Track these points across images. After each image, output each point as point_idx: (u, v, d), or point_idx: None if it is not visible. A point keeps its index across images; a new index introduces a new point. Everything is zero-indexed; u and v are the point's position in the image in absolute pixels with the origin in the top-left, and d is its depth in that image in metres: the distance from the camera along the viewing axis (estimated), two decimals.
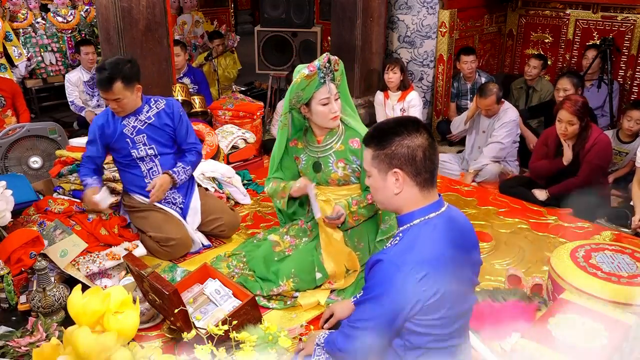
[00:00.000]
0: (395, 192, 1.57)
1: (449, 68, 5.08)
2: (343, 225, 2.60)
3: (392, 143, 1.54)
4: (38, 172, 3.70)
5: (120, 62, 2.79)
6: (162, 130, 2.97)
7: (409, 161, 1.53)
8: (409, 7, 5.00)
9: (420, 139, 1.53)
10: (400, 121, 1.62)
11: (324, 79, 2.45)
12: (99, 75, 2.77)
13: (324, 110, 2.49)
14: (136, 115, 2.92)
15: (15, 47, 5.38)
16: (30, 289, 2.47)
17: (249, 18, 11.37)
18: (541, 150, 3.67)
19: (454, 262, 1.52)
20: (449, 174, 4.20)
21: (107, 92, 2.77)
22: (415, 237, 1.53)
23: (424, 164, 1.54)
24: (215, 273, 2.51)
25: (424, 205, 1.57)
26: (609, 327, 1.85)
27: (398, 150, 1.53)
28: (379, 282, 1.50)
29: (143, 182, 2.99)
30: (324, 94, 2.47)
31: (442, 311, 1.50)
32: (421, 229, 1.54)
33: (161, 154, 2.99)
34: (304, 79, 2.41)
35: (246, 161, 4.23)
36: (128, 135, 2.91)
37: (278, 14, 4.98)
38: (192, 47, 6.47)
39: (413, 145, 1.52)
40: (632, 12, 4.88)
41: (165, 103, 3.00)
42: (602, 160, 3.46)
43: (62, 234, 2.67)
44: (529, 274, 2.70)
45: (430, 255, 1.48)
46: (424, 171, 1.55)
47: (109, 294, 1.63)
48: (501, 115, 4.03)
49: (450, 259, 1.51)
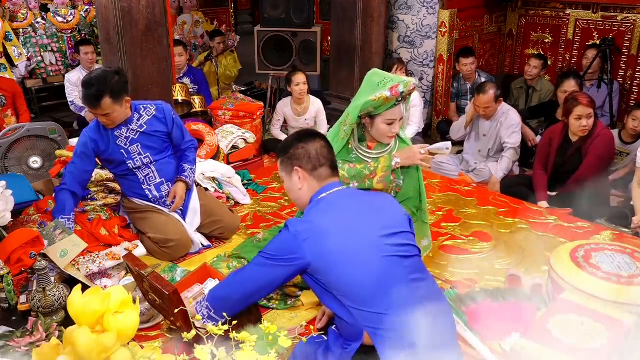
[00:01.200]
0: (299, 187, 1.93)
1: (449, 68, 5.09)
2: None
3: (290, 148, 1.94)
4: (38, 172, 3.70)
5: (108, 75, 2.67)
6: (156, 137, 2.92)
7: (304, 159, 1.91)
8: (409, 7, 5.00)
9: (313, 142, 1.92)
10: (298, 133, 2.02)
11: (399, 102, 2.43)
12: (86, 91, 2.65)
13: (385, 128, 2.47)
14: (127, 126, 2.85)
15: (15, 47, 5.38)
16: (30, 289, 2.47)
17: (249, 18, 11.38)
18: (545, 152, 3.65)
19: (347, 229, 1.80)
20: (448, 174, 4.20)
21: (96, 108, 2.67)
22: (309, 211, 1.89)
23: (318, 159, 1.91)
24: (215, 273, 2.51)
25: (323, 185, 1.92)
26: (609, 327, 1.85)
27: (295, 152, 1.92)
28: (275, 243, 1.86)
29: (141, 188, 2.97)
30: (393, 115, 2.44)
31: (334, 272, 1.75)
32: (316, 205, 1.88)
33: (157, 160, 2.96)
34: (382, 99, 2.37)
35: (246, 161, 4.23)
36: (122, 147, 2.85)
37: (278, 14, 4.97)
38: (192, 47, 6.48)
39: (307, 147, 1.91)
40: (632, 12, 4.89)
41: (156, 109, 2.93)
42: (604, 151, 3.46)
43: (62, 234, 2.67)
44: (529, 274, 2.70)
45: (317, 225, 1.79)
46: (319, 165, 1.91)
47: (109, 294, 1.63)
48: (502, 119, 4.01)
49: (342, 228, 1.80)
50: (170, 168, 3.03)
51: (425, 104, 5.03)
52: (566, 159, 3.54)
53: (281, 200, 3.73)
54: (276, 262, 1.81)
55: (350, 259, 1.76)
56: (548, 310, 2.04)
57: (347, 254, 1.77)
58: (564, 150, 3.56)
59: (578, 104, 3.38)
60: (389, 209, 1.96)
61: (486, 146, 4.11)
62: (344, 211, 1.87)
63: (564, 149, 3.56)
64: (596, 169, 3.44)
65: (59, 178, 3.24)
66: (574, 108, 3.40)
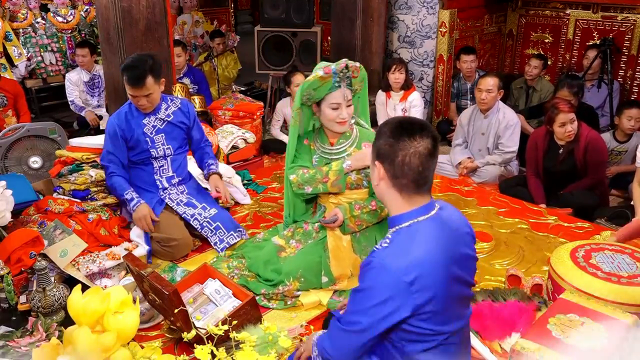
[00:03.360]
0: (375, 183, 1.61)
1: (449, 68, 5.09)
2: (344, 229, 2.59)
3: (381, 137, 1.56)
4: (38, 172, 3.70)
5: (145, 57, 2.80)
6: (180, 128, 3.04)
7: (387, 160, 1.53)
8: (409, 7, 5.00)
9: (409, 145, 1.50)
10: (403, 121, 1.59)
11: (339, 83, 2.44)
12: (130, 73, 2.76)
13: (332, 113, 2.49)
14: (155, 114, 2.96)
15: (15, 47, 5.38)
16: (30, 289, 2.47)
17: (249, 18, 11.38)
18: (533, 156, 3.66)
19: (444, 266, 1.49)
20: (448, 174, 4.20)
21: (141, 88, 2.78)
22: (403, 240, 1.51)
23: (402, 169, 1.51)
24: (215, 273, 2.51)
25: (410, 209, 1.55)
26: (609, 327, 1.85)
27: (382, 147, 1.55)
28: (369, 286, 1.49)
29: (152, 178, 3.05)
30: (335, 98, 2.46)
31: (436, 316, 1.47)
32: (410, 232, 1.52)
33: (175, 153, 3.07)
34: (318, 79, 2.41)
35: (246, 161, 4.23)
36: (148, 135, 2.95)
37: (278, 14, 4.98)
38: (192, 47, 6.48)
39: (396, 147, 1.51)
40: (632, 12, 4.89)
41: (181, 102, 3.08)
42: (603, 155, 3.52)
43: (62, 234, 2.67)
44: (529, 274, 2.70)
45: (420, 259, 1.46)
46: (402, 176, 1.52)
47: (109, 294, 1.63)
48: (499, 116, 3.99)
49: (440, 263, 1.48)
50: (182, 164, 3.15)
51: (425, 104, 5.03)
52: (557, 163, 3.55)
53: (281, 200, 3.73)
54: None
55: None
56: (548, 310, 2.04)
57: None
58: (553, 155, 3.56)
59: (559, 112, 3.40)
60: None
61: (485, 144, 4.11)
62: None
63: (552, 153, 3.57)
64: (602, 174, 3.51)
65: (59, 178, 3.24)
66: (555, 117, 3.43)
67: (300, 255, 2.63)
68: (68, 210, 2.97)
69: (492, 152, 4.10)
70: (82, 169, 3.19)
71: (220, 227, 2.98)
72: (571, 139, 3.45)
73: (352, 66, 2.47)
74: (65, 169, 3.24)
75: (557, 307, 2.02)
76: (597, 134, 3.55)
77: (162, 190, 3.06)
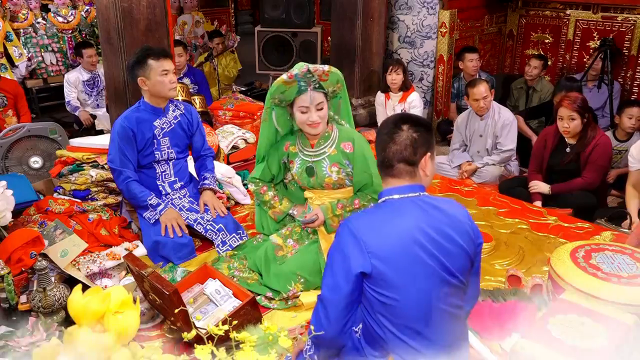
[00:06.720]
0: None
1: (449, 68, 5.09)
2: (327, 229, 2.61)
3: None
4: (38, 172, 3.71)
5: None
6: (183, 133, 3.05)
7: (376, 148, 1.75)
8: (409, 8, 5.00)
9: (383, 135, 1.70)
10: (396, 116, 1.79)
11: (305, 87, 2.44)
12: (154, 50, 2.86)
13: (301, 117, 2.51)
14: (165, 115, 2.98)
15: (15, 47, 5.39)
16: (30, 289, 2.47)
17: (249, 18, 11.39)
18: (540, 153, 3.66)
19: (408, 237, 1.58)
20: (448, 174, 4.20)
21: (170, 59, 2.87)
22: (372, 210, 1.70)
23: (378, 154, 1.72)
24: (216, 273, 2.51)
25: (386, 187, 1.71)
26: (609, 327, 1.85)
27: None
28: (335, 246, 1.65)
29: (155, 183, 3.03)
30: (304, 102, 2.47)
31: (390, 290, 1.56)
32: (380, 205, 1.68)
33: (177, 158, 3.07)
34: (282, 84, 2.43)
35: (246, 161, 4.23)
36: (156, 137, 2.95)
37: (278, 14, 4.98)
38: (193, 47, 6.48)
39: (378, 138, 1.74)
40: (632, 13, 4.89)
41: (184, 107, 3.09)
42: (606, 161, 3.50)
43: (63, 234, 2.68)
44: (529, 274, 2.70)
45: (379, 223, 1.60)
46: (380, 162, 1.72)
47: (109, 294, 1.64)
48: (495, 116, 4.00)
49: (404, 233, 1.58)
50: (184, 168, 3.15)
51: (425, 104, 5.04)
52: (562, 164, 3.54)
53: None
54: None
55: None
56: (548, 310, 2.04)
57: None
58: (560, 152, 3.56)
59: (560, 105, 3.44)
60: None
61: (484, 146, 4.11)
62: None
63: (559, 150, 3.57)
64: (597, 178, 3.48)
65: (59, 178, 3.24)
66: (558, 108, 3.46)
67: (298, 256, 2.65)
68: (68, 210, 2.98)
69: (491, 153, 4.10)
70: (83, 169, 3.20)
71: (223, 229, 2.99)
72: (568, 136, 3.46)
73: (315, 70, 2.43)
74: (65, 169, 3.24)
75: (557, 307, 2.02)
76: (608, 139, 3.53)
77: (164, 196, 3.04)
